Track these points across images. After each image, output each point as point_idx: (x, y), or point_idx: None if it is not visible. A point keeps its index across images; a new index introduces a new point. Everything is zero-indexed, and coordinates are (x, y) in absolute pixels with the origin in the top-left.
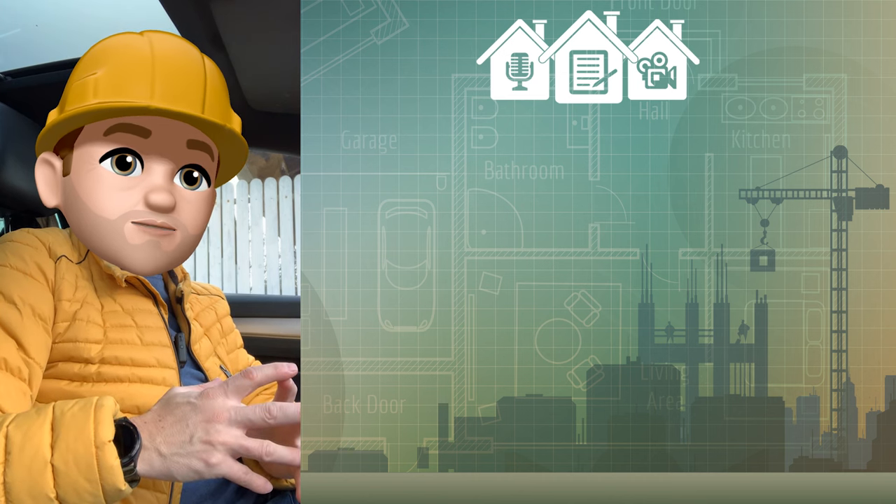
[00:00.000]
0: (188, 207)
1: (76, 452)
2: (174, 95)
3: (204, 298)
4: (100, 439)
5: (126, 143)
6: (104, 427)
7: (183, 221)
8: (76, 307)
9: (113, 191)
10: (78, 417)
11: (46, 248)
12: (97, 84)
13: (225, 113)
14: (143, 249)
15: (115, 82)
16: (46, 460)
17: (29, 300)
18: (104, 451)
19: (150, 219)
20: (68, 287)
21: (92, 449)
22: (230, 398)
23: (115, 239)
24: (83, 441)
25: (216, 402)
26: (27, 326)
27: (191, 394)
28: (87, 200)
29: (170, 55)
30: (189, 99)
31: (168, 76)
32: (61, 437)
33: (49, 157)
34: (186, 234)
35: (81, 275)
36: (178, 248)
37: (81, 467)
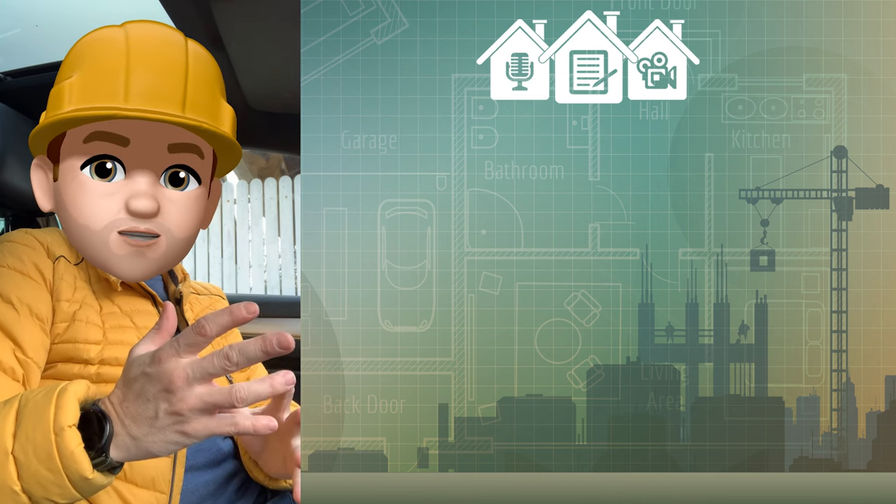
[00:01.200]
0: (174, 210)
1: (35, 441)
2: (151, 94)
3: (204, 298)
4: (59, 425)
5: (105, 151)
6: (65, 412)
7: (168, 225)
8: (75, 308)
9: (95, 198)
10: (40, 404)
11: (45, 248)
12: (72, 89)
13: (211, 107)
14: (127, 259)
15: (88, 87)
16: (7, 451)
17: (26, 300)
18: (63, 436)
19: (133, 226)
20: (67, 287)
21: (51, 436)
22: (182, 356)
23: (100, 249)
24: (42, 428)
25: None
26: (24, 326)
27: (143, 361)
28: (71, 209)
29: (147, 48)
30: (168, 97)
31: (144, 72)
32: (22, 425)
33: (42, 161)
34: (173, 238)
35: (80, 276)
36: (164, 255)
37: (41, 456)
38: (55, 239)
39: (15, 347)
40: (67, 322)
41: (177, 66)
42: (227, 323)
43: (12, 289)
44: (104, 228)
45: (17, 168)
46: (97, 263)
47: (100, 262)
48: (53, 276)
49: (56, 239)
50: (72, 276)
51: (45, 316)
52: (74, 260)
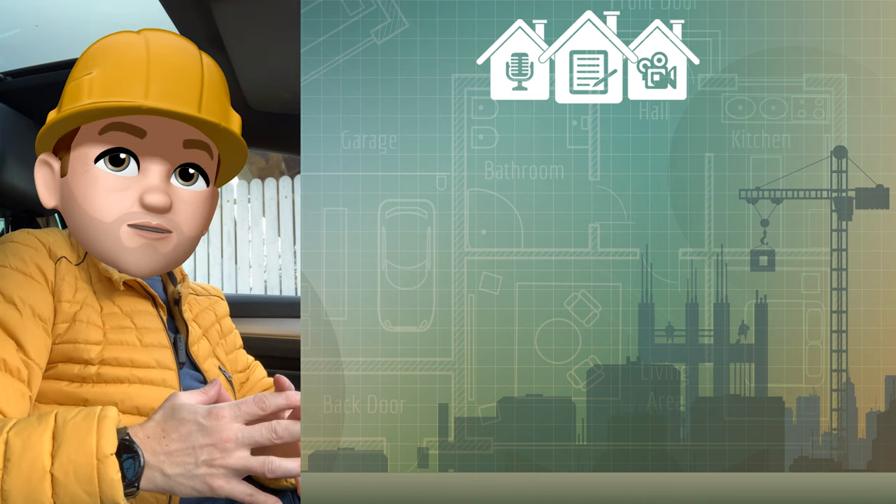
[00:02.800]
0: (185, 208)
1: (77, 463)
2: (169, 94)
3: (203, 299)
4: (102, 452)
5: (121, 143)
6: (107, 440)
7: (179, 223)
8: (76, 308)
9: (108, 192)
10: (81, 428)
11: (46, 248)
12: (92, 84)
13: (223, 111)
14: (138, 252)
15: (109, 82)
16: (46, 469)
17: (29, 301)
18: (106, 464)
19: (145, 220)
20: (68, 288)
21: (93, 461)
22: (238, 421)
23: (110, 242)
24: (84, 453)
25: (224, 425)
26: (27, 327)
27: (198, 411)
28: (82, 202)
29: (166, 54)
30: (185, 98)
31: (163, 75)
32: (62, 446)
33: (48, 157)
34: (183, 235)
35: (80, 276)
36: (174, 250)
37: (81, 479)
38: (56, 239)
39: (18, 348)
40: (68, 322)
41: (193, 73)
42: (283, 406)
43: (15, 289)
44: (116, 221)
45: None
46: (105, 257)
47: (108, 256)
48: (55, 277)
49: (57, 239)
50: (73, 277)
51: (47, 317)
52: (76, 260)
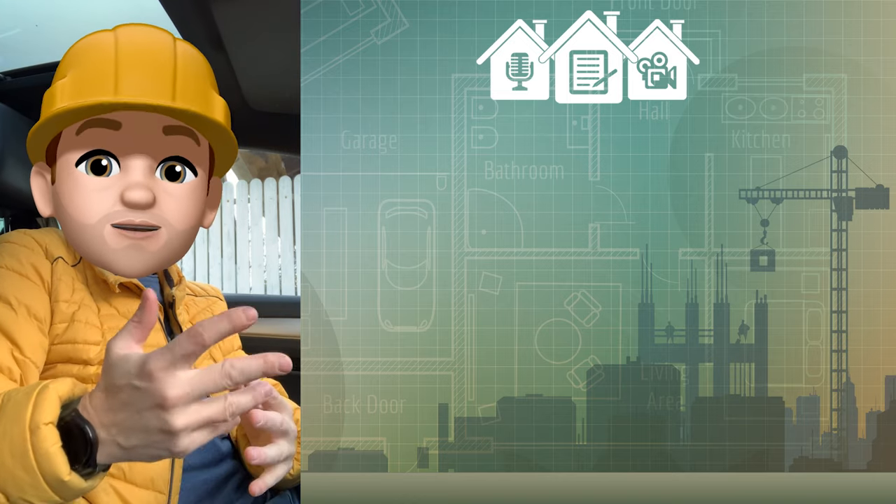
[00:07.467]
0: (171, 202)
1: (11, 437)
2: (139, 87)
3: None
4: (35, 422)
5: (99, 142)
6: (43, 409)
7: (166, 217)
8: (74, 308)
9: (90, 193)
10: (20, 402)
11: (43, 249)
12: (63, 88)
13: (202, 99)
14: (125, 254)
15: (80, 83)
16: None
17: (25, 300)
18: (38, 434)
19: (128, 219)
20: (65, 288)
21: (26, 433)
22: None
23: (97, 244)
24: (18, 425)
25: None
26: (22, 326)
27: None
28: (67, 206)
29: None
30: (157, 89)
31: (133, 68)
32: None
33: (40, 167)
34: (173, 230)
35: (77, 277)
36: (165, 247)
37: (16, 454)
38: (53, 240)
39: (13, 347)
40: (66, 323)
41: (165, 63)
42: (226, 330)
43: (10, 289)
44: (98, 222)
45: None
46: (95, 261)
47: (97, 259)
48: (52, 277)
49: (54, 240)
50: (70, 278)
51: (44, 316)
52: (72, 261)
